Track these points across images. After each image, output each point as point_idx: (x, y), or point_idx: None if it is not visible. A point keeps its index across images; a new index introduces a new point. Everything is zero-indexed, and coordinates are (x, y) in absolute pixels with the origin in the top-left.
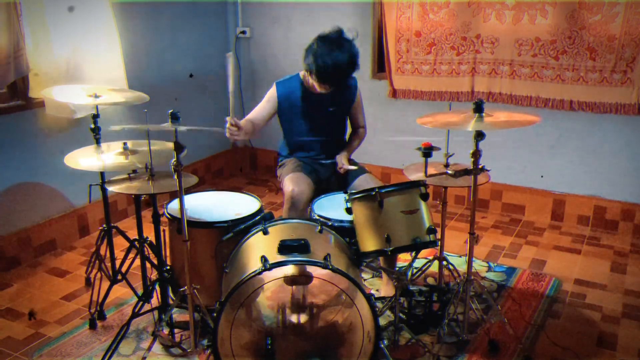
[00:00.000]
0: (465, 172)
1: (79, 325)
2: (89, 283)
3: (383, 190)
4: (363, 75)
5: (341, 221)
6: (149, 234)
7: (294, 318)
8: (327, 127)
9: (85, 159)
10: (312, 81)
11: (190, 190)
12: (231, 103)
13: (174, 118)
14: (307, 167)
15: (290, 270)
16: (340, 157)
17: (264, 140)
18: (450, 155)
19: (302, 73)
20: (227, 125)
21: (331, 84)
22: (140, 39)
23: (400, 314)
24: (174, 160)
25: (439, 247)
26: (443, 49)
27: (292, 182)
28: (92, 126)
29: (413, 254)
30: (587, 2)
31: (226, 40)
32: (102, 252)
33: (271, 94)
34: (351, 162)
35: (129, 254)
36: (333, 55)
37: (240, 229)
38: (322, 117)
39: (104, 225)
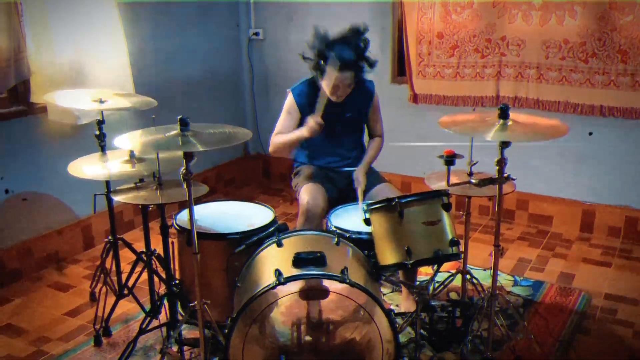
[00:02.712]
0: (490, 181)
1: (83, 342)
2: (93, 298)
3: (403, 200)
4: (382, 79)
5: (359, 233)
6: (157, 246)
7: (309, 335)
8: (345, 133)
9: (89, 167)
10: (323, 86)
11: (200, 200)
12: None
13: (183, 124)
14: (323, 176)
15: (305, 284)
16: (357, 173)
17: None
18: (474, 164)
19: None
20: (312, 124)
21: (341, 68)
22: (148, 40)
23: (422, 331)
24: (183, 168)
25: (462, 260)
26: (467, 51)
27: (307, 193)
28: (97, 133)
29: (435, 267)
30: (618, 2)
31: (238, 42)
32: (107, 265)
33: (290, 103)
34: (370, 173)
35: (135, 267)
36: (333, 41)
37: (253, 241)
38: (340, 123)
39: (110, 237)
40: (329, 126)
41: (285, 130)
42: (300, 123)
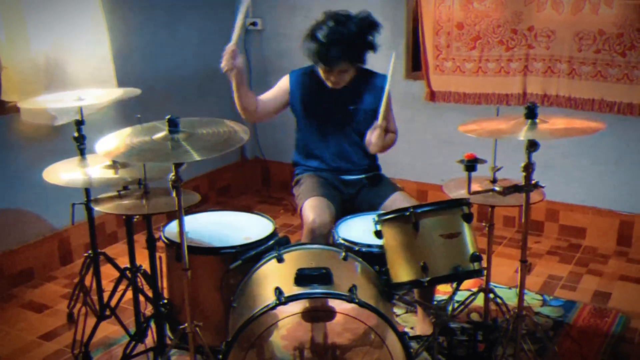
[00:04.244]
0: (516, 188)
1: None
2: (72, 319)
3: (419, 210)
4: (395, 74)
5: (369, 246)
6: (143, 261)
7: None
8: (346, 130)
9: (67, 173)
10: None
11: (191, 210)
12: (239, 23)
13: (173, 125)
14: (328, 187)
15: (309, 304)
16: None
17: (278, 152)
18: (498, 169)
19: None
20: (226, 53)
21: (335, 55)
22: (133, 31)
23: (439, 356)
24: (172, 174)
25: (484, 277)
26: (490, 43)
27: (312, 210)
28: (76, 134)
29: (454, 285)
30: None
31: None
32: (87, 282)
33: (283, 83)
34: (382, 181)
35: (119, 285)
36: (330, 25)
37: (250, 255)
38: (341, 117)
39: (90, 252)
40: (330, 120)
41: (264, 99)
42: (294, 109)
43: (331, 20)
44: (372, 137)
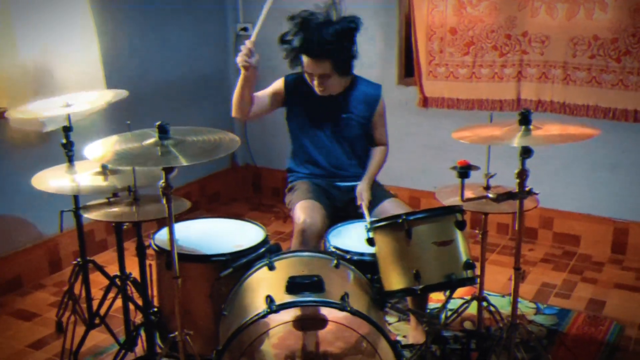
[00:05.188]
0: (510, 195)
1: None
2: (61, 328)
3: (411, 218)
4: (387, 80)
5: (362, 254)
6: (133, 269)
7: None
8: (340, 137)
9: (56, 180)
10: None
11: (181, 217)
12: (261, 20)
13: (163, 131)
14: (321, 193)
15: (300, 312)
16: (360, 188)
17: (269, 159)
18: (492, 176)
19: None
20: (244, 49)
21: (316, 55)
22: (123, 37)
23: None
24: (162, 181)
25: (477, 285)
26: (483, 48)
27: (303, 211)
28: (64, 141)
29: (447, 293)
30: None
31: (224, 38)
32: (76, 290)
33: (278, 85)
34: (375, 187)
35: (108, 294)
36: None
37: (241, 263)
38: (335, 124)
39: (79, 259)
40: (324, 127)
41: (259, 96)
42: (288, 112)
43: (315, 14)
44: (363, 194)
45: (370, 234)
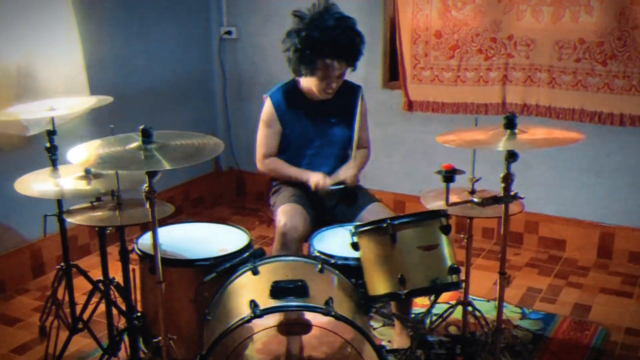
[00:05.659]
0: (495, 200)
1: None
2: (44, 333)
3: (396, 222)
4: (372, 84)
5: (346, 259)
6: (116, 274)
7: None
8: (330, 142)
9: (39, 184)
10: (306, 83)
11: (165, 221)
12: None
13: (146, 135)
14: (305, 197)
15: (284, 317)
16: (340, 171)
17: (253, 163)
18: (477, 180)
19: (296, 78)
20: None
21: (332, 55)
22: (106, 40)
23: None
24: (145, 185)
25: (463, 290)
26: (469, 52)
27: (285, 214)
28: (48, 145)
29: (432, 298)
30: None
31: (208, 42)
32: (59, 295)
33: (268, 113)
34: (358, 191)
35: (91, 298)
36: (320, 22)
37: (225, 268)
38: (324, 130)
39: (62, 264)
40: (313, 134)
41: (272, 148)
42: (283, 135)
43: (329, 10)
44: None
45: (355, 239)
